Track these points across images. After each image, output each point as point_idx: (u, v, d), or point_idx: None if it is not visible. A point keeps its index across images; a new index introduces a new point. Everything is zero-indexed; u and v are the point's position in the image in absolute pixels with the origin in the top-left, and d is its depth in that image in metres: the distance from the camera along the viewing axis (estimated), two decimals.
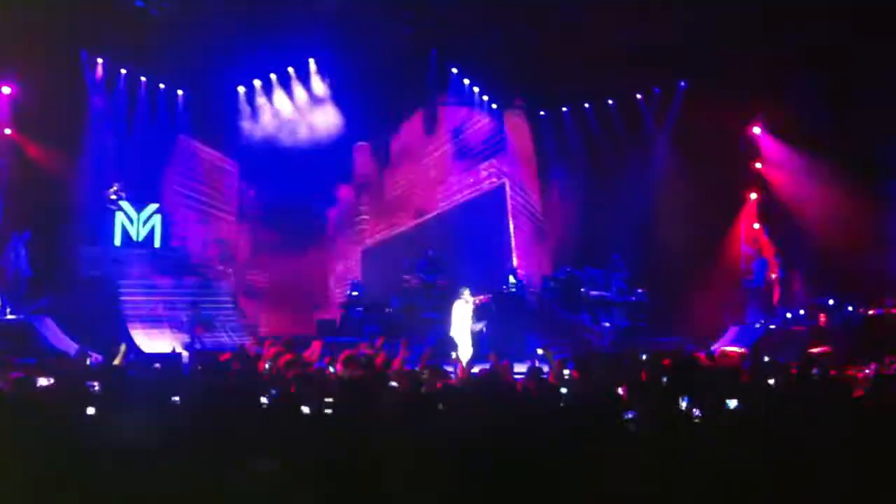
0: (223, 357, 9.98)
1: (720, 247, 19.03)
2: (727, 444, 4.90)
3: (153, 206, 19.71)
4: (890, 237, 16.87)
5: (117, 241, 19.25)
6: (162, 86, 20.02)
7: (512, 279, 19.39)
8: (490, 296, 18.20)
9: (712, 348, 14.50)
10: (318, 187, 21.19)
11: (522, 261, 21.04)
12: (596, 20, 17.76)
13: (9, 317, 15.30)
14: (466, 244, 20.40)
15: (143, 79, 19.65)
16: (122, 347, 10.13)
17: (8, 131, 17.12)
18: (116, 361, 9.46)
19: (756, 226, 18.88)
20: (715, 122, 18.06)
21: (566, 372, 8.94)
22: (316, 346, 11.22)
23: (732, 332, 16.99)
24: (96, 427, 5.52)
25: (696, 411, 5.80)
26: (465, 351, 14.63)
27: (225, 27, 17.99)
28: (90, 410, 5.88)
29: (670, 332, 17.48)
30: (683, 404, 5.97)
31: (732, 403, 6.03)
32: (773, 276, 17.59)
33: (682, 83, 19.71)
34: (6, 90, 16.89)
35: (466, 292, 15.02)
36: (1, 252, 15.88)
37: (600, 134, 21.25)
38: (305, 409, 5.71)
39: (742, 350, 13.28)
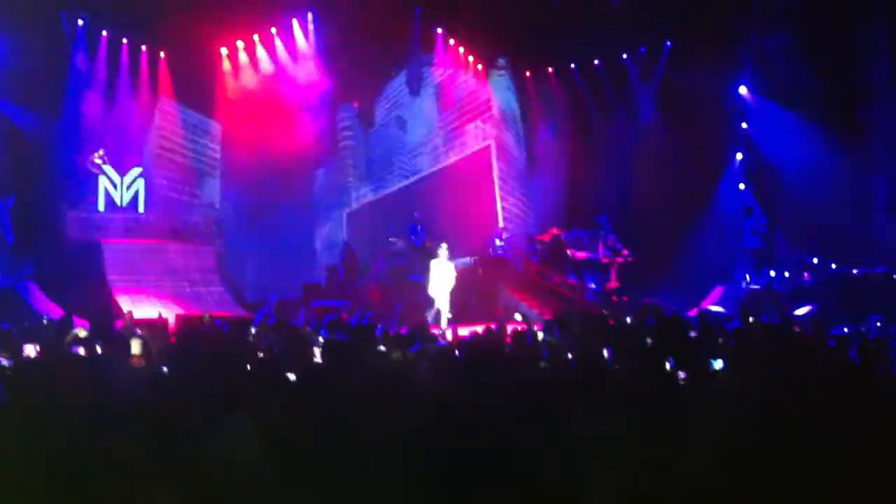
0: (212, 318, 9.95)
1: (706, 207, 19.07)
2: (713, 406, 4.94)
3: (136, 171, 19.55)
4: (873, 196, 16.99)
5: (101, 206, 19.12)
6: (143, 48, 19.71)
7: (498, 241, 19.39)
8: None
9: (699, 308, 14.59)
10: (302, 149, 21.00)
11: (509, 222, 21.00)
12: None
13: None
14: (453, 206, 20.35)
15: (124, 40, 19.34)
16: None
17: None
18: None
19: (741, 186, 18.91)
20: (700, 81, 18.06)
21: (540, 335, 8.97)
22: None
23: (717, 291, 17.09)
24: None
25: (682, 373, 5.83)
26: (443, 312, 14.82)
27: None
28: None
29: (656, 292, 17.57)
30: (668, 366, 6.00)
31: (718, 364, 6.06)
32: (758, 236, 17.68)
33: (668, 42, 19.59)
34: None
35: (444, 250, 15.10)
36: None
37: (586, 94, 21.17)
38: (291, 376, 5.72)
39: (727, 310, 13.37)
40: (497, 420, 4.50)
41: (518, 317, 12.37)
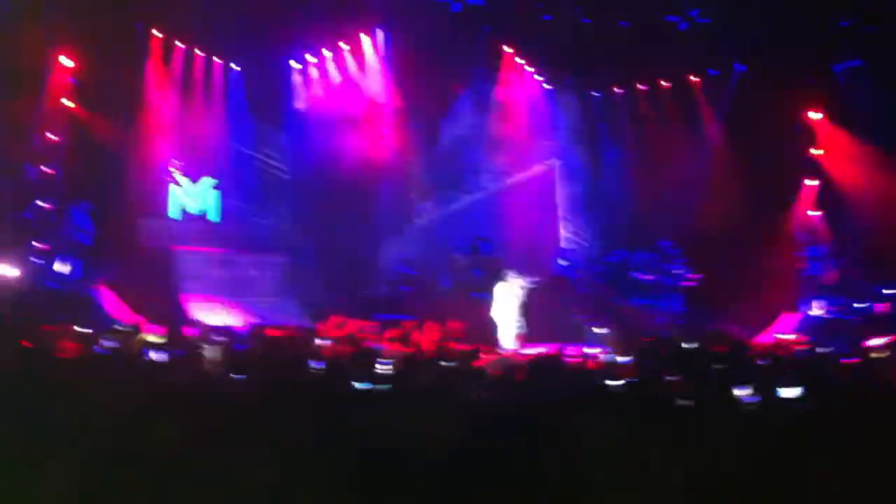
0: (279, 332, 10.12)
1: (774, 233, 18.74)
2: (783, 433, 4.88)
3: (210, 181, 19.97)
4: None
5: (174, 215, 19.53)
6: (217, 59, 20.18)
7: (561, 261, 19.33)
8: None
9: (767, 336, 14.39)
10: (368, 163, 21.20)
11: (572, 242, 20.93)
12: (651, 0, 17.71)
13: (73, 281, 15.79)
14: (516, 224, 20.36)
15: (198, 52, 19.82)
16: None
17: (70, 104, 17.38)
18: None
19: (813, 213, 18.57)
20: (771, 106, 17.83)
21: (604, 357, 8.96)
22: None
23: (786, 320, 16.78)
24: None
25: (751, 399, 5.78)
26: (508, 332, 14.91)
27: (280, 2, 18.18)
28: None
29: (722, 318, 17.29)
30: (738, 392, 5.95)
31: (789, 393, 5.98)
32: (829, 264, 17.33)
33: (739, 66, 19.38)
34: (69, 63, 17.09)
35: (512, 275, 15.22)
36: (62, 223, 16.29)
37: (653, 116, 21.02)
38: (360, 385, 5.82)
39: (796, 338, 13.15)
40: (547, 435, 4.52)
41: (599, 331, 12.33)
